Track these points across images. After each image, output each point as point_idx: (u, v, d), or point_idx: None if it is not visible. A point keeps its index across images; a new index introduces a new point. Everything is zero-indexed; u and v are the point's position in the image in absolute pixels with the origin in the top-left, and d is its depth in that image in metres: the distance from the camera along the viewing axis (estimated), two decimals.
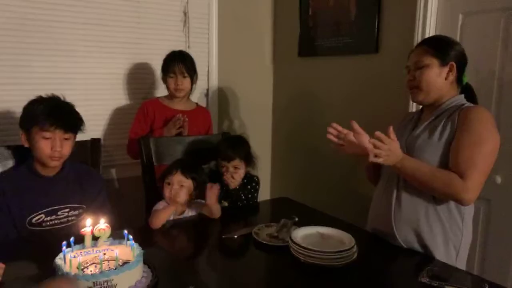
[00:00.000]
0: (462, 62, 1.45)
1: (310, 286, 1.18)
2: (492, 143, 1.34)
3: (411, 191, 1.44)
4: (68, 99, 1.61)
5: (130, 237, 1.13)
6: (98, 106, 2.41)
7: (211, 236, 1.62)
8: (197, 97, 2.68)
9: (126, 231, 1.16)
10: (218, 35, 2.79)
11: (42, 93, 1.59)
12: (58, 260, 1.03)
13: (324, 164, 2.69)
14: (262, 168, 2.06)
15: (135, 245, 1.10)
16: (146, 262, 1.12)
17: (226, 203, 1.89)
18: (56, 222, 1.54)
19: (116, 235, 1.18)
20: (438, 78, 1.43)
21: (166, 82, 2.24)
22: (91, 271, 1.00)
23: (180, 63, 2.18)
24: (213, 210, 1.65)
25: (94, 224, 1.12)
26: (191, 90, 2.30)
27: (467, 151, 1.32)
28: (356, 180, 2.40)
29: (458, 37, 1.92)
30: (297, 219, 1.55)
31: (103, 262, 1.02)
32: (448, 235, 1.41)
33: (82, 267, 1.02)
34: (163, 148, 2.05)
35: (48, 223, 1.53)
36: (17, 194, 1.51)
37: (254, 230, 1.49)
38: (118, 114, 2.50)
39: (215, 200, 1.65)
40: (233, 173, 1.87)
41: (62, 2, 2.23)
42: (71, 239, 1.08)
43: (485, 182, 1.34)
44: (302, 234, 1.37)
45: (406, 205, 1.45)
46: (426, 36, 1.97)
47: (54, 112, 1.50)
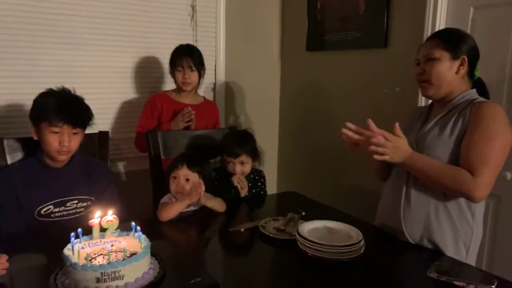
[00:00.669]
0: (474, 56, 1.42)
1: (317, 280, 1.18)
2: (504, 139, 1.31)
3: (421, 188, 1.40)
4: (77, 92, 1.61)
5: (138, 228, 1.13)
6: (106, 99, 2.42)
7: (218, 229, 1.62)
8: (204, 91, 2.68)
9: (133, 223, 1.16)
10: (225, 29, 2.78)
11: (53, 85, 1.59)
12: (66, 250, 1.04)
13: (331, 158, 2.68)
14: (268, 162, 2.06)
15: (143, 236, 1.10)
16: (153, 254, 1.12)
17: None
18: (64, 213, 1.55)
19: (123, 227, 1.19)
20: (448, 72, 1.40)
21: (173, 76, 2.25)
22: (99, 262, 1.01)
23: (188, 57, 2.18)
24: (211, 207, 1.65)
25: (102, 215, 1.12)
26: (199, 83, 2.30)
27: (479, 147, 1.29)
28: (363, 175, 2.38)
29: (469, 30, 1.89)
30: (304, 213, 1.55)
31: (111, 254, 1.03)
32: (458, 233, 1.38)
33: (90, 258, 1.02)
34: (171, 141, 2.05)
35: (56, 215, 1.54)
36: (26, 185, 1.52)
37: (261, 223, 1.49)
38: (126, 108, 2.51)
39: (197, 198, 1.58)
40: (241, 169, 1.86)
41: None
42: (79, 230, 1.09)
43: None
44: (309, 228, 1.36)
45: (416, 201, 1.42)
46: (436, 30, 1.94)
47: (63, 107, 1.51)
